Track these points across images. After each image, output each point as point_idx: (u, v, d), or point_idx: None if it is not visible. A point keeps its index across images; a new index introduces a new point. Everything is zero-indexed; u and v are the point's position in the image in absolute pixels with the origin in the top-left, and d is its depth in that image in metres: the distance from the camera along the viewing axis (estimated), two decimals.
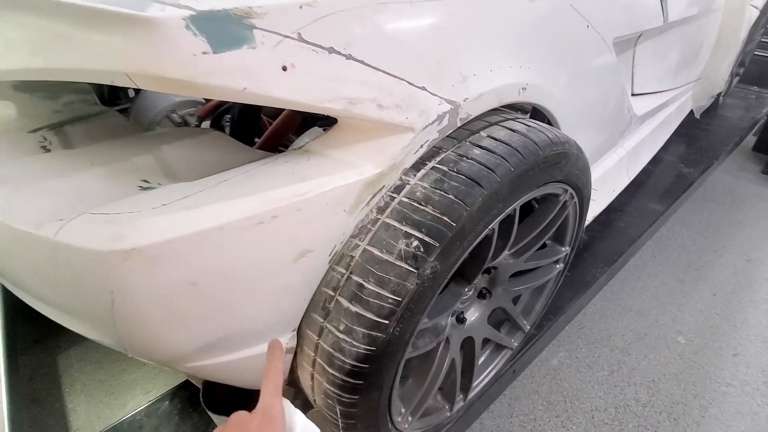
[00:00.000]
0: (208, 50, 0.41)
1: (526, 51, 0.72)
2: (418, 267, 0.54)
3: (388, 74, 0.52)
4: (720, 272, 2.13)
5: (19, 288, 0.58)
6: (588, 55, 0.91)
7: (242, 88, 0.43)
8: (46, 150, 0.62)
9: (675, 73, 1.76)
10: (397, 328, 0.56)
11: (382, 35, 0.52)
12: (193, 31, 0.40)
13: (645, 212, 1.75)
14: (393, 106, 0.53)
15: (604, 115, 1.14)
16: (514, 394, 1.55)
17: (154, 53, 0.39)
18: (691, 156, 2.17)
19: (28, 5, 0.43)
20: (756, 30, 2.50)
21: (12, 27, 0.46)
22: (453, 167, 0.58)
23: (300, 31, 0.46)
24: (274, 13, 0.44)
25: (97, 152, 0.58)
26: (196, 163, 0.58)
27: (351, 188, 0.53)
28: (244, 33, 0.42)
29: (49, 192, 0.50)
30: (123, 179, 0.53)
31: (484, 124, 0.65)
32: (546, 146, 0.66)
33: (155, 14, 0.39)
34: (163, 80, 0.40)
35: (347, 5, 0.49)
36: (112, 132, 0.68)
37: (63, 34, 0.42)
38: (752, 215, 2.53)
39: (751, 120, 2.57)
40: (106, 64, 0.41)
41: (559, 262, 1.00)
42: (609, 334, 1.82)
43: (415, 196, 0.57)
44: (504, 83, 0.66)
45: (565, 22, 0.81)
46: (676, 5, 1.30)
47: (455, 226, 0.55)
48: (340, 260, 0.58)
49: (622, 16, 1.01)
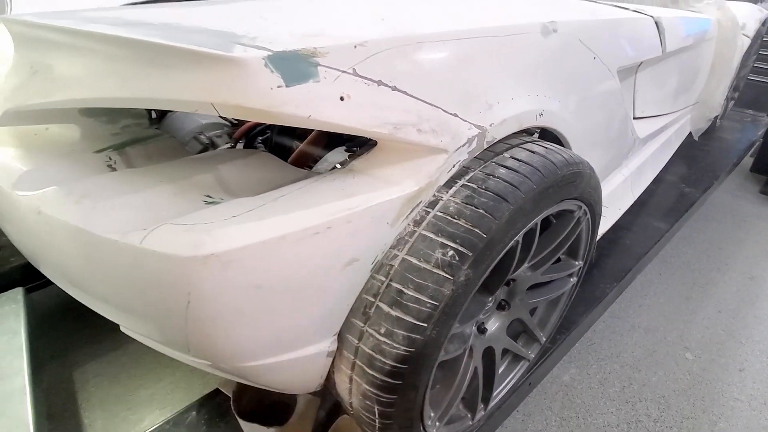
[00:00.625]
0: (282, 84, 0.47)
1: (542, 81, 0.79)
2: (453, 274, 0.60)
3: (426, 103, 0.60)
4: (724, 290, 2.17)
5: (81, 289, 0.63)
6: (595, 83, 0.99)
7: (308, 115, 0.50)
8: (112, 168, 0.68)
9: (673, 97, 1.85)
10: (433, 331, 0.61)
11: (420, 69, 0.59)
12: (270, 68, 0.47)
13: (650, 230, 1.81)
14: (430, 131, 0.60)
15: (610, 137, 1.21)
16: (527, 410, 1.57)
17: (238, 87, 0.46)
18: (691, 176, 2.24)
19: (123, 43, 0.50)
20: (748, 57, 2.62)
21: (104, 60, 0.53)
22: (482, 185, 0.65)
23: (355, 67, 0.53)
24: (334, 53, 0.51)
25: (161, 171, 0.65)
26: (250, 180, 0.65)
27: (393, 203, 0.59)
28: (311, 69, 0.49)
29: (127, 205, 0.56)
30: (189, 195, 0.60)
31: (507, 146, 0.72)
32: (563, 166, 0.72)
33: (240, 54, 0.46)
34: (244, 109, 0.47)
35: (392, 44, 0.56)
36: (166, 153, 0.75)
37: (155, 69, 0.49)
38: (753, 234, 2.59)
39: (748, 141, 2.67)
40: (194, 96, 0.48)
41: (572, 276, 1.05)
42: (619, 351, 1.85)
43: (449, 211, 0.63)
44: (523, 110, 0.73)
45: (575, 54, 0.89)
46: (673, 36, 1.40)
47: (486, 237, 0.61)
48: (380, 269, 0.64)
49: (624, 47, 1.10)
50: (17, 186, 0.62)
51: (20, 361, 1.23)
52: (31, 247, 0.67)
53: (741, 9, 2.34)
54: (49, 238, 0.58)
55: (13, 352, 1.24)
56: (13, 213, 0.65)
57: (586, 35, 0.90)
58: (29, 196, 0.60)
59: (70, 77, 0.56)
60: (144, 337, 0.68)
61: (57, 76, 0.58)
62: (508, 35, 0.71)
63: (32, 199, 0.59)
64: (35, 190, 0.60)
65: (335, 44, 0.51)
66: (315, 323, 0.62)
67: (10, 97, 0.66)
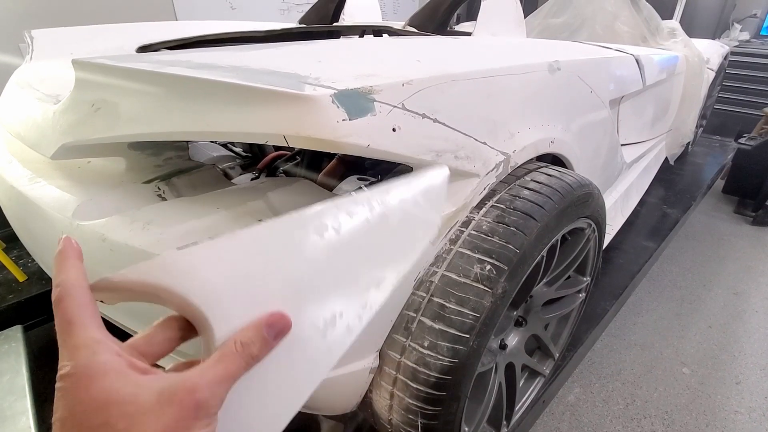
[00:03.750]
0: (346, 118, 0.54)
1: (551, 112, 0.88)
2: (491, 287, 0.65)
3: (462, 133, 0.67)
4: (711, 305, 2.27)
5: (138, 313, 0.66)
6: (592, 113, 1.09)
7: (367, 144, 0.55)
8: (162, 198, 0.72)
9: (651, 125, 2.00)
10: (475, 342, 0.66)
11: (456, 103, 0.67)
12: (336, 104, 0.53)
13: (640, 249, 1.91)
14: (465, 157, 0.67)
15: (605, 161, 1.32)
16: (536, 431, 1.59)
17: (309, 120, 0.52)
18: (671, 198, 2.39)
19: (202, 83, 0.56)
20: (713, 88, 2.87)
21: (177, 98, 0.58)
22: (510, 205, 0.71)
23: (403, 102, 0.60)
24: (386, 90, 0.58)
25: (214, 199, 0.69)
26: (297, 205, 0.69)
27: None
28: (369, 105, 0.56)
29: (192, 231, 0.60)
30: (245, 220, 0.64)
31: (526, 171, 0.79)
32: (577, 187, 0.80)
33: (310, 93, 0.52)
34: (313, 140, 0.52)
35: (432, 82, 0.64)
36: (209, 182, 0.79)
37: (232, 105, 0.54)
38: (732, 252, 2.73)
39: (718, 165, 2.86)
40: (268, 129, 0.53)
41: (581, 292, 1.12)
42: (619, 369, 1.89)
43: (482, 229, 0.69)
44: (539, 138, 0.81)
45: (575, 89, 0.99)
46: (651, 72, 1.54)
47: (518, 252, 0.67)
48: (420, 285, 0.68)
49: (614, 82, 1.22)
50: (77, 215, 0.65)
51: (24, 401, 1.20)
52: None
53: (705, 45, 2.58)
54: (112, 263, 0.61)
55: (16, 392, 1.21)
56: None
57: (584, 72, 1.01)
58: (93, 225, 0.63)
59: (139, 114, 0.60)
60: None
61: (124, 113, 0.62)
62: (524, 73, 0.80)
63: (96, 227, 0.62)
64: (97, 218, 0.63)
65: (387, 83, 0.58)
66: (359, 340, 0.65)
67: (67, 131, 0.70)
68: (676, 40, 2.10)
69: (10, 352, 1.35)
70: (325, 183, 1.01)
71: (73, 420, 0.26)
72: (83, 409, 0.26)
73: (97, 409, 0.26)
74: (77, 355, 0.28)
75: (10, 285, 1.56)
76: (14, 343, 1.39)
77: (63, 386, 0.27)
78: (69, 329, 0.29)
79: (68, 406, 0.27)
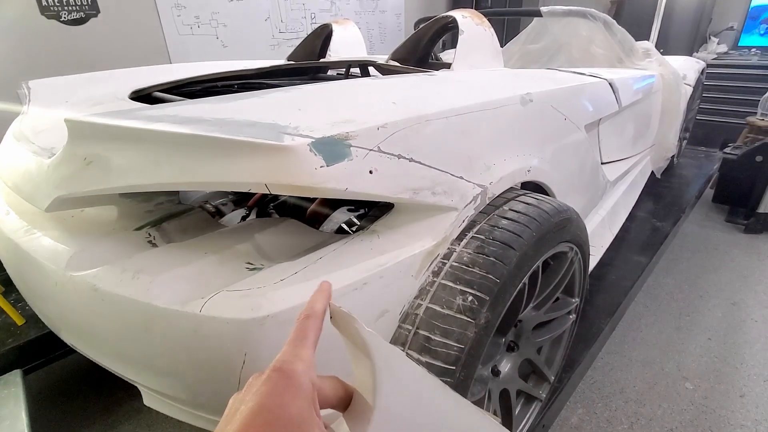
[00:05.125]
0: (324, 164, 0.57)
1: (526, 142, 0.92)
2: (474, 318, 0.67)
3: (438, 169, 0.70)
4: (710, 317, 2.27)
5: (129, 361, 0.67)
6: (568, 139, 1.14)
7: (345, 188, 0.58)
8: (152, 245, 0.75)
9: (632, 142, 2.06)
10: (461, 373, 0.67)
11: (430, 142, 0.70)
12: (314, 152, 0.56)
13: (632, 264, 1.93)
14: (442, 193, 0.70)
15: (585, 182, 1.35)
16: None
17: (288, 169, 0.55)
18: (660, 211, 2.42)
19: (187, 138, 0.59)
20: (693, 101, 2.95)
21: (165, 151, 0.61)
22: (489, 235, 0.74)
23: (379, 145, 0.63)
24: (362, 135, 0.61)
25: (202, 243, 0.72)
26: (283, 245, 0.72)
27: (416, 258, 0.67)
28: (345, 150, 0.59)
29: (181, 278, 0.62)
30: (233, 263, 0.66)
31: (505, 200, 0.82)
32: (554, 213, 0.83)
33: (289, 143, 0.55)
34: (293, 187, 0.55)
35: (406, 124, 0.67)
36: (199, 225, 0.82)
37: (215, 157, 0.57)
38: (727, 261, 2.75)
39: (705, 175, 2.92)
40: (249, 178, 0.56)
41: (571, 313, 1.13)
42: (621, 387, 1.88)
43: (463, 260, 0.72)
44: (515, 168, 0.85)
45: (549, 118, 1.04)
46: (626, 93, 1.61)
47: (499, 282, 0.69)
48: (406, 318, 0.70)
49: (587, 107, 1.27)
50: (70, 267, 0.67)
51: None
52: (78, 324, 0.71)
53: (681, 62, 2.68)
54: (105, 313, 0.63)
55: None
56: (59, 291, 0.70)
57: (557, 101, 1.06)
58: (84, 275, 0.65)
59: (130, 167, 0.63)
60: (180, 408, 0.70)
61: (115, 166, 0.65)
62: (496, 108, 0.85)
63: (87, 278, 0.64)
64: (89, 269, 0.66)
65: (362, 128, 0.62)
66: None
67: (61, 185, 0.73)
68: (651, 60, 2.18)
69: (9, 397, 1.35)
70: (317, 215, 1.04)
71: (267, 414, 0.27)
72: (277, 411, 0.28)
73: (286, 419, 0.27)
74: (298, 363, 0.31)
75: (9, 329, 1.56)
76: (14, 387, 1.39)
77: (273, 378, 0.30)
78: (303, 341, 0.33)
79: (268, 396, 0.28)
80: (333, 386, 0.35)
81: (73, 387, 1.74)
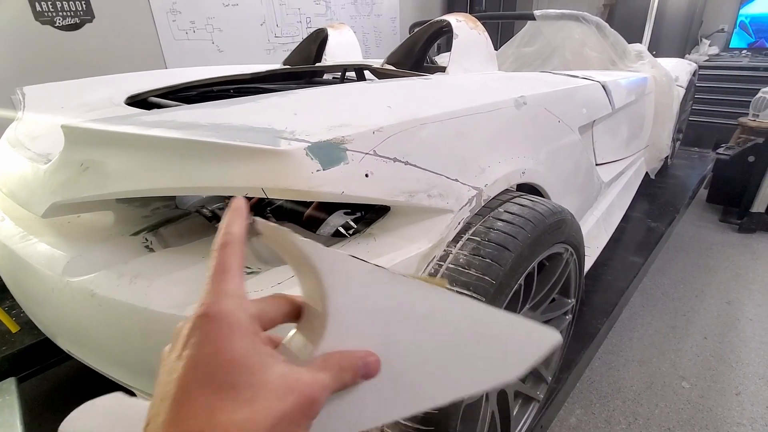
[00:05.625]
0: (320, 168, 0.57)
1: (520, 145, 0.93)
2: None
3: (433, 172, 0.71)
4: (705, 316, 2.29)
5: (127, 365, 0.67)
6: (562, 141, 1.15)
7: (341, 191, 0.59)
8: (150, 249, 0.75)
9: (626, 144, 2.08)
10: None
11: (425, 145, 0.71)
12: (310, 156, 0.57)
13: (627, 264, 1.94)
14: (438, 195, 0.71)
15: (580, 183, 1.37)
16: None
17: (285, 173, 0.56)
18: (655, 212, 2.44)
19: (185, 143, 0.60)
20: (685, 103, 2.98)
21: (163, 157, 0.62)
22: (485, 237, 0.75)
23: (375, 149, 0.64)
24: (358, 139, 0.62)
25: (199, 248, 0.72)
26: None
27: (413, 260, 0.68)
28: (341, 154, 0.60)
29: (178, 282, 0.62)
30: None
31: (500, 202, 0.83)
32: (549, 215, 0.84)
33: (285, 147, 0.56)
34: (290, 191, 0.56)
35: (402, 128, 0.68)
36: (195, 230, 0.82)
37: (213, 162, 0.58)
38: (721, 260, 2.77)
39: (699, 176, 2.94)
40: (246, 182, 0.56)
41: (567, 314, 1.14)
42: (618, 387, 1.88)
43: (459, 262, 0.72)
44: (510, 170, 0.86)
45: (543, 120, 1.05)
46: (619, 95, 1.62)
47: (495, 283, 0.70)
48: None
49: (581, 109, 1.28)
50: (67, 272, 0.67)
51: None
52: (75, 330, 0.71)
53: (673, 64, 2.71)
54: (102, 318, 0.63)
55: None
56: (55, 297, 0.69)
57: (550, 103, 1.07)
58: (81, 281, 0.65)
59: (127, 172, 0.64)
60: None
61: (111, 172, 0.66)
62: (490, 111, 0.85)
63: (84, 283, 0.64)
64: (86, 274, 0.66)
65: (358, 132, 0.62)
66: None
67: (57, 191, 0.73)
68: (643, 62, 2.21)
69: (3, 405, 1.33)
70: (314, 218, 1.04)
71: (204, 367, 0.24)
72: (215, 360, 0.25)
73: (228, 365, 0.25)
74: (224, 301, 0.27)
75: (3, 336, 1.55)
76: (8, 396, 1.37)
77: (200, 326, 0.26)
78: (223, 275, 0.28)
79: (200, 347, 0.25)
80: (275, 304, 0.32)
81: (68, 394, 1.72)
